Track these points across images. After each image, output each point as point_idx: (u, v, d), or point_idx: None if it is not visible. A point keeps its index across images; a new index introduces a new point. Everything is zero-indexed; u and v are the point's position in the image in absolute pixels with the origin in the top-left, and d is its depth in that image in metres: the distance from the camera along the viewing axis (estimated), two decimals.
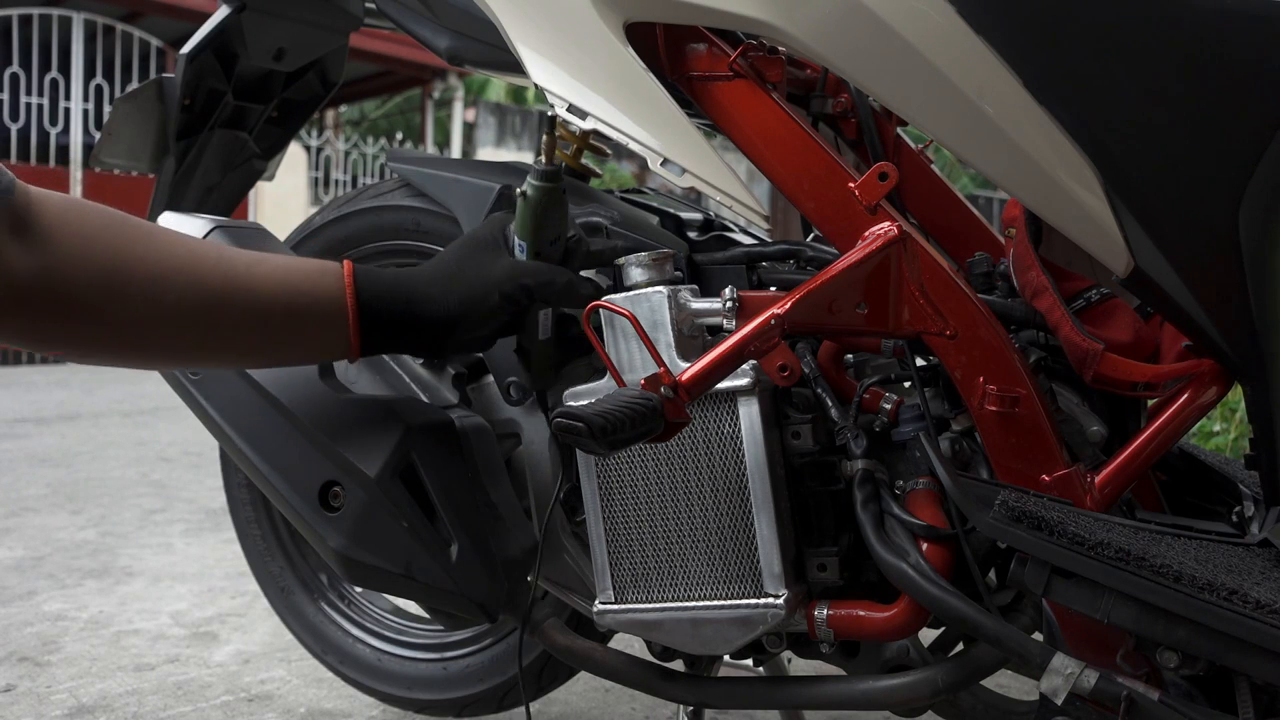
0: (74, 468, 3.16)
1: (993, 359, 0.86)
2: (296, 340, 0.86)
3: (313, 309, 0.84)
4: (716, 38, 0.96)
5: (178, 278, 0.79)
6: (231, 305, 0.81)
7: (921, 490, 0.89)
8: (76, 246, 0.76)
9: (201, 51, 1.33)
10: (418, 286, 0.88)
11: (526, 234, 0.91)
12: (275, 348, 0.87)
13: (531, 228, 0.91)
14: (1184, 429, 0.88)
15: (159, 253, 0.79)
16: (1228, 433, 2.60)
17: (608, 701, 1.56)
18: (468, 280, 0.88)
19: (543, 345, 0.97)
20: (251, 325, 0.83)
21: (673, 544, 0.92)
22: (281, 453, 0.96)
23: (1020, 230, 0.93)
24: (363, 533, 0.93)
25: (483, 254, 0.90)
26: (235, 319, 0.82)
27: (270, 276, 0.83)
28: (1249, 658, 0.69)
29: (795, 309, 0.83)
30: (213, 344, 0.84)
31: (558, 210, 0.91)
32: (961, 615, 0.80)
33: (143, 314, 0.79)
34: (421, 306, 0.87)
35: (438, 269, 0.89)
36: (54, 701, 1.49)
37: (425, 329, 0.88)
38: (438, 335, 0.89)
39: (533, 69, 0.98)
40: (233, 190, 1.48)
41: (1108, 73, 0.81)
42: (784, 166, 0.94)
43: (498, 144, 11.65)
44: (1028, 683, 1.45)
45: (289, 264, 0.85)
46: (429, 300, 0.87)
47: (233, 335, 0.83)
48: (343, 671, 1.41)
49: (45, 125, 7.58)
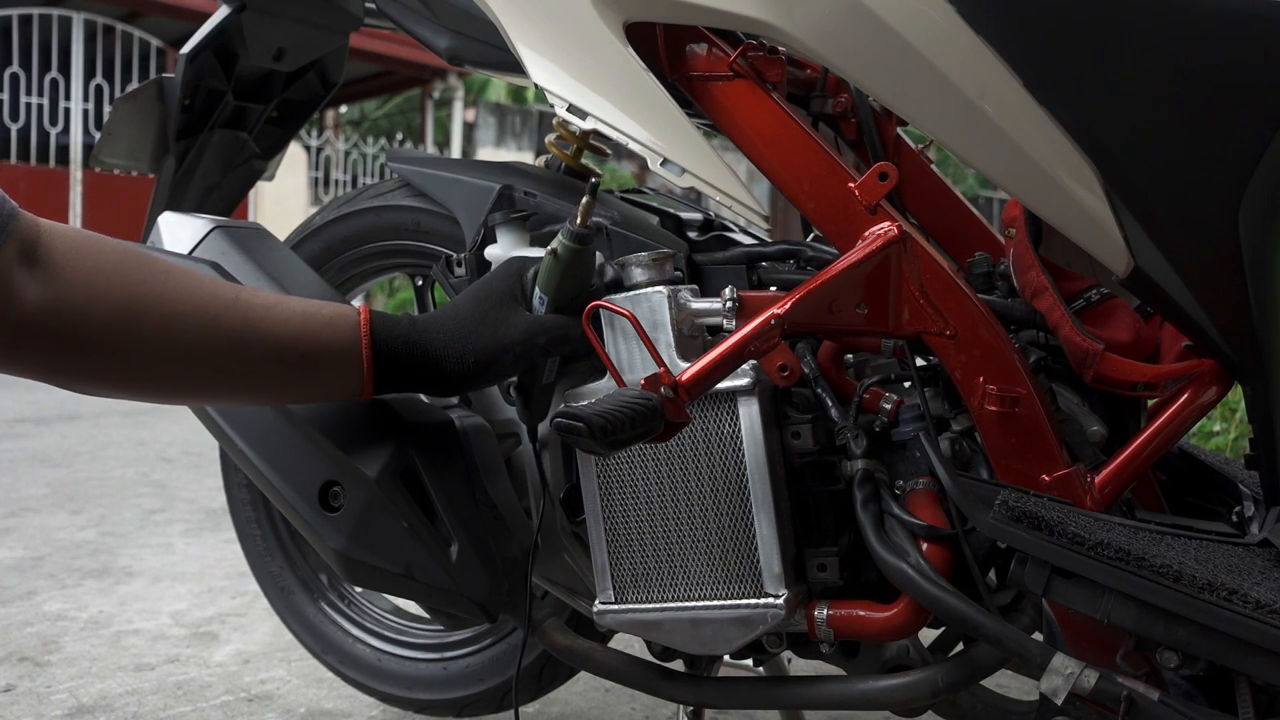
0: (74, 468, 3.16)
1: (993, 359, 0.86)
2: (310, 384, 0.86)
3: (327, 356, 0.84)
4: (716, 38, 0.96)
5: (194, 318, 0.79)
6: (247, 348, 0.81)
7: (921, 490, 0.89)
8: (90, 281, 0.75)
9: (201, 51, 1.33)
10: (433, 340, 0.87)
11: (549, 289, 0.90)
12: (288, 390, 0.87)
13: (556, 285, 0.90)
14: (1184, 429, 0.88)
15: (177, 291, 0.79)
16: (1228, 433, 2.60)
17: (608, 701, 1.56)
18: (485, 337, 0.87)
19: (544, 389, 0.96)
20: (266, 368, 0.83)
21: (673, 544, 0.92)
22: (281, 453, 0.96)
23: (1020, 230, 0.93)
24: (363, 533, 0.93)
25: (500, 309, 0.89)
26: (250, 361, 0.82)
27: (287, 322, 0.83)
28: (1249, 658, 0.69)
29: (795, 309, 0.83)
30: (226, 384, 0.84)
31: (584, 269, 0.90)
32: (961, 615, 0.80)
33: (157, 351, 0.78)
34: (437, 362, 0.87)
35: (455, 322, 0.88)
36: (54, 701, 1.49)
37: (439, 381, 0.89)
38: (451, 387, 0.90)
39: (533, 69, 0.98)
40: (233, 190, 1.48)
41: (1108, 73, 0.81)
42: (784, 166, 0.94)
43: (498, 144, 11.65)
44: (1028, 683, 1.45)
45: (306, 309, 0.85)
46: (445, 357, 0.87)
47: (247, 376, 0.83)
48: (343, 671, 1.41)
49: (45, 125, 7.58)
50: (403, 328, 0.87)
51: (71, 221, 7.44)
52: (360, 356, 0.85)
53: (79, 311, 0.74)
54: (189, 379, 0.82)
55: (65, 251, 0.75)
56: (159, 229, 1.09)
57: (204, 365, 0.81)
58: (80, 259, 0.75)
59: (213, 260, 1.02)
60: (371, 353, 0.85)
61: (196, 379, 0.82)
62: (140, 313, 0.77)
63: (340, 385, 0.87)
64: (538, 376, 0.95)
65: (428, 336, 0.87)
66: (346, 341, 0.85)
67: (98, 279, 0.75)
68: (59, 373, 0.78)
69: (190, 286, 0.80)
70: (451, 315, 0.89)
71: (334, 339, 0.84)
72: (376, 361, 0.86)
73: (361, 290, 1.39)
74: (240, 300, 0.82)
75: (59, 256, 0.74)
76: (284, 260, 1.08)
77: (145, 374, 0.80)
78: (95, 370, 0.78)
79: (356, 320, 0.86)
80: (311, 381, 0.86)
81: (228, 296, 0.81)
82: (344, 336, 0.85)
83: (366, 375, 0.86)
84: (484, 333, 0.88)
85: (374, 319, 0.86)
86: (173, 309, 0.78)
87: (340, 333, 0.85)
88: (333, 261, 1.32)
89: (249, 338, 0.81)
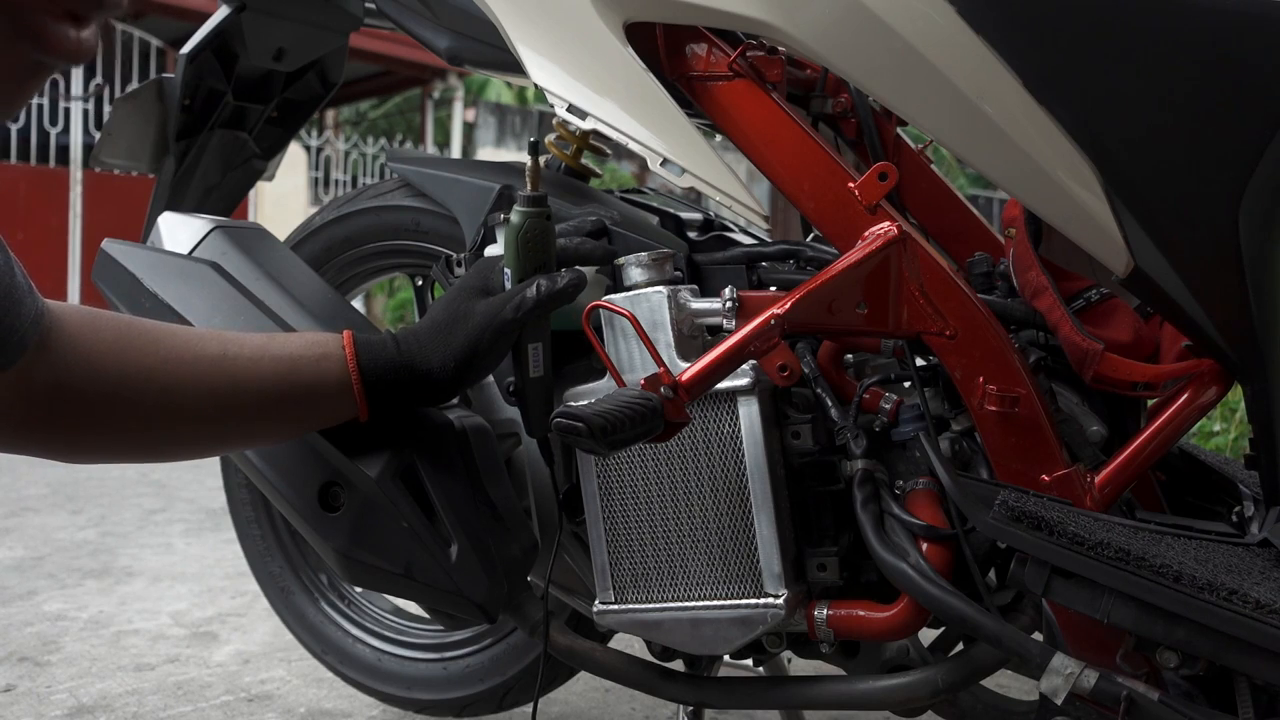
0: (74, 468, 3.16)
1: (993, 359, 0.86)
2: (307, 422, 0.90)
3: (319, 396, 0.87)
4: (716, 38, 0.96)
5: (185, 388, 0.82)
6: (238, 405, 0.84)
7: (921, 490, 0.89)
8: (86, 363, 0.79)
9: (201, 51, 1.33)
10: (416, 355, 0.89)
11: (511, 263, 0.89)
12: (287, 430, 0.91)
13: (514, 256, 0.89)
14: (1184, 429, 0.88)
15: (165, 362, 0.82)
16: (1228, 433, 2.60)
17: (608, 701, 1.56)
18: (457, 335, 0.89)
19: (535, 383, 0.92)
20: (261, 417, 0.86)
21: (673, 544, 0.92)
22: (281, 453, 0.96)
23: (1020, 230, 0.93)
24: (363, 533, 0.93)
25: (467, 304, 0.90)
26: (244, 414, 0.85)
27: (274, 370, 0.85)
28: (1249, 658, 0.69)
29: (795, 309, 0.83)
30: (227, 438, 0.89)
31: (543, 237, 0.88)
32: (961, 615, 0.80)
33: (153, 421, 0.82)
34: (424, 376, 0.89)
35: (432, 331, 0.90)
36: (54, 701, 1.49)
37: (430, 393, 0.91)
38: (443, 394, 0.92)
39: (533, 69, 0.98)
40: (233, 190, 1.48)
41: (1107, 73, 0.81)
42: (784, 166, 0.94)
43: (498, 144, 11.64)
44: (1028, 683, 1.45)
45: (291, 351, 0.87)
46: (430, 370, 0.89)
47: (246, 426, 0.87)
48: (343, 672, 1.41)
49: (45, 125, 7.58)
50: (388, 351, 0.89)
51: (72, 222, 7.44)
52: (352, 390, 0.87)
53: (77, 392, 0.78)
54: (191, 440, 0.87)
55: (69, 335, 0.78)
56: (159, 229, 1.09)
57: (204, 425, 0.85)
58: (80, 340, 0.79)
59: (213, 260, 1.02)
60: (362, 385, 0.87)
61: (198, 439, 0.87)
62: (132, 389, 0.80)
63: (337, 416, 0.89)
64: (523, 369, 0.92)
65: (411, 353, 0.89)
66: (336, 378, 0.87)
67: (95, 360, 0.79)
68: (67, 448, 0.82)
69: (178, 353, 0.83)
70: (429, 325, 0.90)
71: (323, 379, 0.87)
72: (368, 391, 0.88)
73: (361, 290, 1.39)
74: (226, 357, 0.84)
75: (64, 340, 0.78)
76: (284, 260, 1.08)
77: (149, 442, 0.85)
78: (100, 443, 0.83)
79: (343, 355, 0.87)
80: (308, 420, 0.89)
81: (212, 354, 0.84)
82: (333, 374, 0.87)
83: (359, 401, 0.88)
84: (456, 332, 0.89)
85: (359, 350, 0.88)
86: (165, 382, 0.81)
87: (328, 372, 0.87)
88: (333, 261, 1.32)
89: (241, 393, 0.84)
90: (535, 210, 0.87)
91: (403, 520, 0.93)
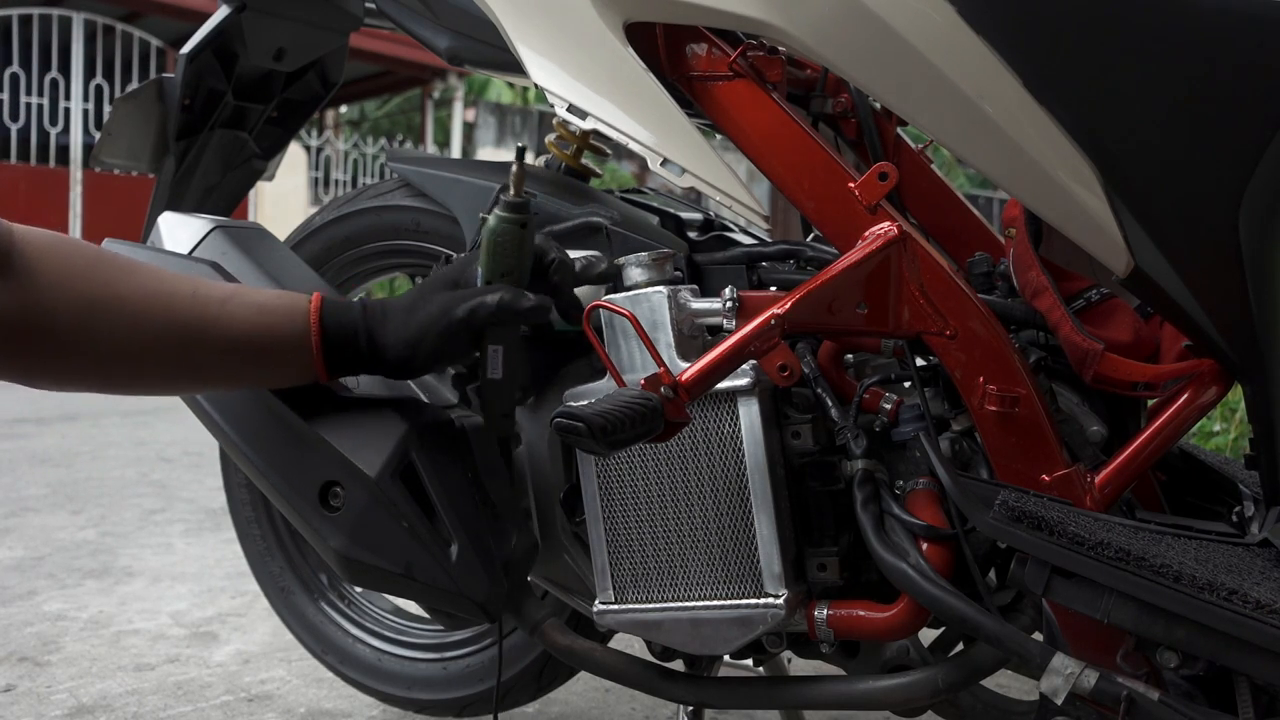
0: (74, 468, 3.16)
1: (993, 359, 0.86)
2: (265, 371, 0.91)
3: (280, 346, 0.89)
4: (716, 38, 0.96)
5: (154, 316, 0.83)
6: (205, 342, 0.86)
7: (921, 490, 0.89)
8: (56, 284, 0.80)
9: (201, 51, 1.33)
10: (377, 324, 0.91)
11: (483, 264, 0.89)
12: (244, 378, 0.92)
13: (486, 258, 0.89)
14: (1184, 429, 0.88)
15: (136, 291, 0.83)
16: (1228, 433, 2.60)
17: (608, 701, 1.56)
18: (416, 318, 0.90)
19: (491, 385, 0.92)
20: (224, 358, 0.87)
21: (673, 544, 0.92)
22: (281, 453, 0.96)
23: (1020, 230, 0.93)
24: (363, 533, 0.93)
25: (435, 291, 0.91)
26: (209, 353, 0.87)
27: (241, 314, 0.87)
28: (1249, 658, 0.69)
29: (795, 309, 0.83)
30: (188, 375, 0.89)
31: (514, 242, 0.88)
32: (961, 615, 0.80)
33: (121, 349, 0.83)
34: (380, 347, 0.90)
35: (399, 306, 0.91)
36: (54, 701, 1.49)
37: (383, 365, 0.92)
38: (394, 370, 0.93)
39: (533, 69, 0.98)
40: (233, 190, 1.48)
41: (1108, 73, 0.81)
42: (784, 166, 0.94)
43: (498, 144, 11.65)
44: (1028, 683, 1.45)
45: (261, 300, 0.89)
46: (386, 343, 0.90)
47: (207, 367, 0.88)
48: (343, 671, 1.41)
49: (45, 125, 7.58)
50: (352, 314, 0.91)
51: (72, 221, 7.45)
52: (311, 342, 0.89)
53: (44, 314, 0.79)
54: (154, 372, 0.87)
55: (34, 257, 0.79)
56: (159, 229, 1.09)
57: (167, 359, 0.86)
58: (47, 262, 0.80)
59: (212, 260, 1.02)
60: (321, 340, 0.89)
61: (161, 372, 0.87)
62: (101, 313, 0.81)
63: (294, 372, 0.91)
64: (481, 369, 0.92)
65: (373, 323, 0.91)
66: (299, 327, 0.89)
67: (63, 281, 0.80)
68: (32, 374, 0.82)
69: (149, 285, 0.84)
70: (397, 302, 0.92)
71: (287, 330, 0.88)
72: (326, 349, 0.89)
73: (362, 290, 1.39)
74: (198, 296, 0.86)
75: (28, 262, 0.79)
76: (284, 260, 1.08)
77: (109, 369, 0.85)
78: (62, 368, 0.83)
79: (308, 309, 0.89)
80: (266, 369, 0.90)
81: (185, 292, 0.86)
82: (296, 327, 0.89)
83: (316, 358, 0.89)
84: (416, 315, 0.90)
85: (325, 308, 0.90)
86: (133, 308, 0.83)
87: (293, 320, 0.89)
88: (333, 261, 1.32)
89: (207, 331, 0.85)
90: (512, 216, 0.88)
91: (403, 520, 0.93)
